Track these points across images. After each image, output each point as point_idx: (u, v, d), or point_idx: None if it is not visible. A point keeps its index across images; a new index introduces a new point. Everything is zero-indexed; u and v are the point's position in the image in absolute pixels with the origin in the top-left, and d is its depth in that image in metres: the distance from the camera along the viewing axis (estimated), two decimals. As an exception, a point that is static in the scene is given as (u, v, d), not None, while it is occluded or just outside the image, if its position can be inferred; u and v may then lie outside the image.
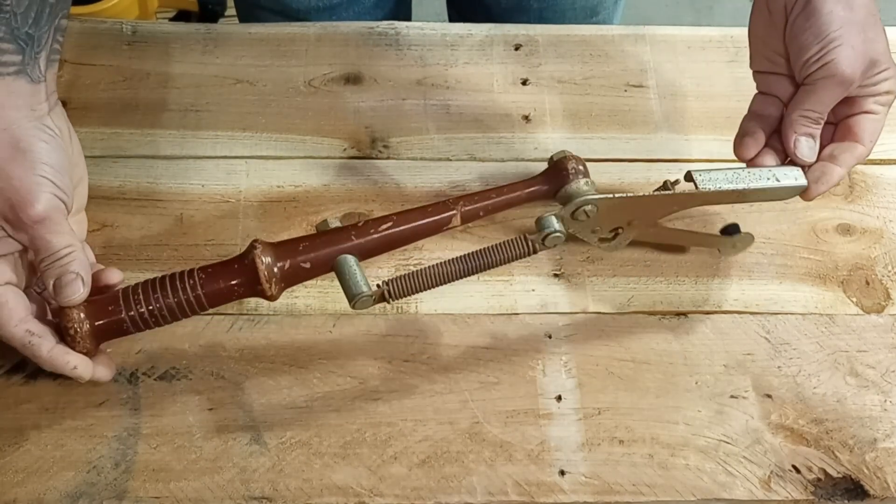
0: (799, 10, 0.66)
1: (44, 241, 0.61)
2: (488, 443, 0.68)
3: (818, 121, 0.69)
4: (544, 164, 0.73)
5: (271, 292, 0.64)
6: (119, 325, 0.64)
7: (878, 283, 0.78)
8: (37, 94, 0.63)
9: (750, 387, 0.72)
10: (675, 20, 2.20)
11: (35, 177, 0.61)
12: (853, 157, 0.70)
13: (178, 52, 0.90)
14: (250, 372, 0.71)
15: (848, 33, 0.65)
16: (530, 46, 0.92)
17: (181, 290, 0.63)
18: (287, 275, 0.65)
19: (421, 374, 0.71)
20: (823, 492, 0.67)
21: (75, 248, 0.62)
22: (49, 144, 0.62)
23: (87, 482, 0.65)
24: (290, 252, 0.65)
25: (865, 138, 0.69)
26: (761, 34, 0.70)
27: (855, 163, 0.70)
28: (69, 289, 0.62)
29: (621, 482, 0.67)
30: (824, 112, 0.69)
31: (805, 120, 0.69)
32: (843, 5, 0.65)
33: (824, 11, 0.65)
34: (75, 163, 0.67)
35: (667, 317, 0.75)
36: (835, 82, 0.66)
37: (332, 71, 0.89)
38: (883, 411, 0.71)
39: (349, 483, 0.66)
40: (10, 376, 0.70)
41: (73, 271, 0.62)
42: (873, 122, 0.69)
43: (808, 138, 0.69)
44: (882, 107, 0.69)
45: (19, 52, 0.61)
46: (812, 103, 0.68)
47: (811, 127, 0.69)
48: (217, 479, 0.66)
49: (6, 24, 0.60)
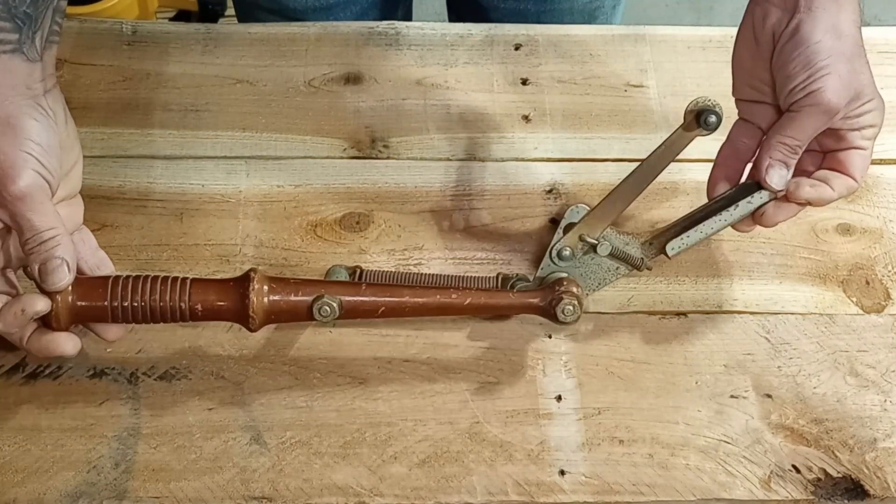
0: (787, 39, 0.66)
1: (25, 220, 0.61)
2: (488, 443, 0.68)
3: (796, 150, 0.68)
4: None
5: (255, 325, 0.64)
6: (100, 313, 0.63)
7: (878, 282, 0.78)
8: (32, 74, 0.62)
9: (750, 387, 0.72)
10: (675, 20, 2.19)
11: (20, 152, 0.61)
12: (845, 188, 0.69)
13: (178, 52, 0.90)
14: (250, 372, 0.71)
15: (835, 62, 0.65)
16: (530, 46, 0.92)
17: (169, 295, 0.63)
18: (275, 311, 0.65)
19: (421, 374, 0.71)
20: (823, 492, 0.67)
21: (59, 233, 0.62)
22: (40, 123, 0.62)
23: (87, 482, 0.65)
24: (285, 291, 0.64)
25: (856, 174, 0.69)
26: (747, 64, 0.70)
27: (846, 194, 0.70)
28: (55, 275, 0.61)
29: (621, 482, 0.67)
30: (804, 141, 0.68)
31: (783, 147, 0.67)
32: (831, 35, 0.66)
33: (813, 41, 0.65)
34: (69, 147, 0.66)
35: (667, 317, 0.75)
36: (820, 110, 0.66)
37: (332, 71, 0.89)
38: (883, 411, 0.71)
39: (349, 483, 0.66)
40: (10, 376, 0.70)
41: (59, 256, 0.61)
42: (862, 159, 0.69)
43: (782, 166, 0.68)
44: (868, 141, 0.69)
45: (16, 31, 0.61)
46: (794, 130, 0.67)
47: (787, 155, 0.68)
48: (217, 479, 0.66)
49: (3, 3, 0.60)
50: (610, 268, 0.72)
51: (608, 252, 0.70)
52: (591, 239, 0.70)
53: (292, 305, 0.64)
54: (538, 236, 0.79)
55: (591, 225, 0.70)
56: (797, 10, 0.66)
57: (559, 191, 0.82)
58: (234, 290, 0.64)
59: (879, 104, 0.68)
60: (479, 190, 0.82)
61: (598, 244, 0.70)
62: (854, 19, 0.67)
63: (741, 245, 0.79)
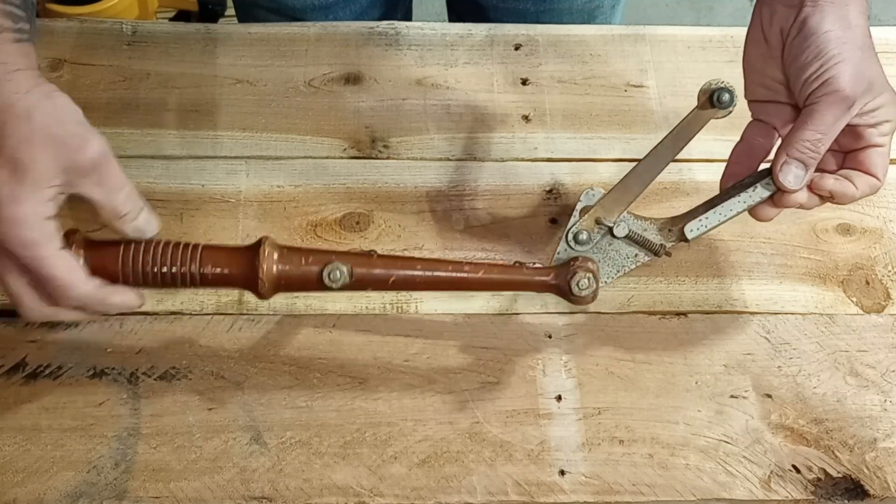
0: (796, 33, 0.66)
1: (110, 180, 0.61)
2: (488, 443, 0.68)
3: (817, 146, 0.65)
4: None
5: (265, 290, 0.64)
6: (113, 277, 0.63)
7: (878, 282, 0.78)
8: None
9: (750, 387, 0.72)
10: (675, 20, 2.19)
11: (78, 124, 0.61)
12: (868, 187, 0.68)
13: (178, 52, 0.90)
14: (250, 372, 0.71)
15: (847, 51, 0.65)
16: (530, 46, 0.92)
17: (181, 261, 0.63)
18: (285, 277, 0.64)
19: (421, 374, 0.71)
20: (823, 491, 0.67)
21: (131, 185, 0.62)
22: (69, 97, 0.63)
23: (87, 482, 0.65)
24: (296, 257, 0.64)
25: (878, 173, 0.67)
26: (758, 65, 0.70)
27: (870, 193, 0.68)
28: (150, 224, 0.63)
29: (621, 482, 0.67)
30: (826, 134, 0.65)
31: (802, 145, 0.65)
32: (840, 26, 0.65)
33: (822, 31, 0.65)
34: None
35: (667, 317, 0.75)
36: (837, 98, 0.64)
37: (332, 71, 0.89)
38: (883, 411, 0.71)
39: (349, 483, 0.66)
40: (10, 376, 0.70)
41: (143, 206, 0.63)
42: (882, 157, 0.67)
43: (800, 165, 0.65)
44: (885, 137, 0.67)
45: (28, 21, 0.62)
46: (814, 123, 0.65)
47: (807, 153, 0.65)
48: (217, 479, 0.66)
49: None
50: (629, 254, 0.70)
51: (626, 233, 0.68)
52: (607, 222, 0.68)
53: (303, 271, 0.63)
54: (538, 236, 0.79)
55: (607, 208, 0.68)
56: (803, 4, 0.65)
57: (559, 191, 0.82)
58: (245, 256, 0.63)
59: (892, 97, 0.68)
60: (479, 190, 0.82)
61: (614, 226, 0.68)
62: (861, 11, 0.66)
63: (741, 245, 0.79)
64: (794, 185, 0.66)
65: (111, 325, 0.72)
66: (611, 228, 0.68)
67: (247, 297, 0.74)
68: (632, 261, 0.70)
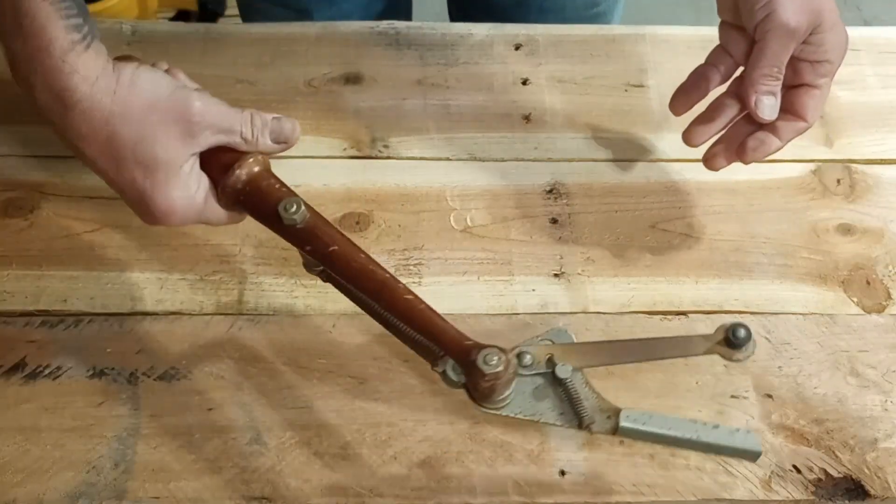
0: None
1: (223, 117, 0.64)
2: (488, 443, 0.68)
3: (777, 76, 0.69)
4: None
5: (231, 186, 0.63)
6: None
7: (879, 282, 0.78)
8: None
9: (750, 387, 0.72)
10: (675, 20, 2.18)
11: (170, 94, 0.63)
12: (794, 132, 0.72)
13: (178, 52, 0.90)
14: (250, 372, 0.71)
15: None
16: (530, 46, 0.92)
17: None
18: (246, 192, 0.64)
19: (421, 374, 0.71)
20: (824, 492, 0.67)
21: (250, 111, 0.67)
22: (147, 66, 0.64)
23: (86, 482, 0.65)
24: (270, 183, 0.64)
25: (808, 115, 0.71)
26: None
27: (794, 136, 0.72)
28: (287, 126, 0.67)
29: (621, 482, 0.67)
30: (782, 66, 0.69)
31: (765, 78, 0.69)
32: None
33: None
34: None
35: (667, 317, 0.75)
36: (781, 32, 0.67)
37: (332, 71, 0.89)
38: (884, 411, 0.71)
39: (349, 483, 0.66)
40: (9, 376, 0.70)
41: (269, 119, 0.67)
42: (816, 99, 0.71)
43: (770, 96, 0.70)
44: (823, 79, 0.70)
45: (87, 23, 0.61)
46: (768, 58, 0.69)
47: (771, 84, 0.70)
48: (217, 479, 0.66)
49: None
50: (550, 407, 0.61)
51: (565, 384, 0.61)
52: (557, 362, 0.61)
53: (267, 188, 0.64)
54: (538, 236, 0.79)
55: (566, 353, 0.62)
56: None
57: (559, 191, 0.82)
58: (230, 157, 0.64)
59: (841, 39, 0.70)
60: (479, 190, 0.82)
61: (559, 372, 0.61)
62: None
63: (741, 245, 0.79)
64: (773, 114, 0.71)
65: (111, 325, 0.72)
66: (554, 372, 0.61)
67: (247, 297, 0.74)
68: (546, 415, 0.61)
